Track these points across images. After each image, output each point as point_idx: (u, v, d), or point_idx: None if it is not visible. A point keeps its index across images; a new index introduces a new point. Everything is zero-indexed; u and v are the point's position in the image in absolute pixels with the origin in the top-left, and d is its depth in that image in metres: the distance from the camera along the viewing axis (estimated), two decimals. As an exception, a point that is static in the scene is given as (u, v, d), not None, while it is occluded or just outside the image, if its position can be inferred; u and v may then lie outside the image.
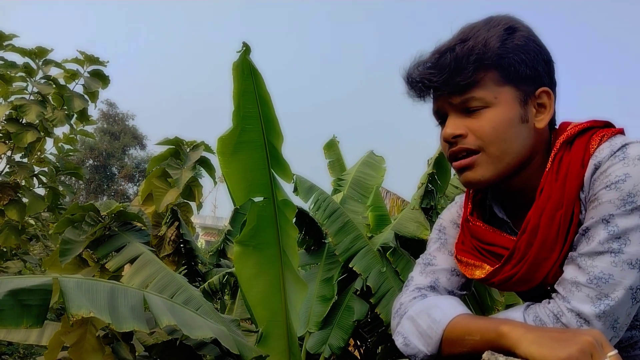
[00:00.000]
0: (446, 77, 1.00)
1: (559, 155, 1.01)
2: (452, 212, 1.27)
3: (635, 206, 0.90)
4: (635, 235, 0.89)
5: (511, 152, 1.01)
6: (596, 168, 0.95)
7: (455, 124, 1.03)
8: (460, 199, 1.26)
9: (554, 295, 0.96)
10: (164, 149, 3.85)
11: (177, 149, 3.82)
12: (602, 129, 1.02)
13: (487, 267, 1.08)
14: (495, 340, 0.88)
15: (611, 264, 0.89)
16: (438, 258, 1.21)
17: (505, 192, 1.11)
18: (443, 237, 1.24)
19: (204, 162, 3.89)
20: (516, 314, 0.97)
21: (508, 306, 4.14)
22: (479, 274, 1.10)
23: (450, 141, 1.04)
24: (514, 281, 1.03)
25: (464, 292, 1.21)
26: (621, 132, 1.02)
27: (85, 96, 3.97)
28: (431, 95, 1.08)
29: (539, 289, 1.06)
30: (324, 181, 4.60)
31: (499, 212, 1.13)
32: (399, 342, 1.08)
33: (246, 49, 2.04)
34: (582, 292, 0.90)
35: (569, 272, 0.94)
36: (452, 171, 3.96)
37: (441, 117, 1.08)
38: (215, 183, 4.16)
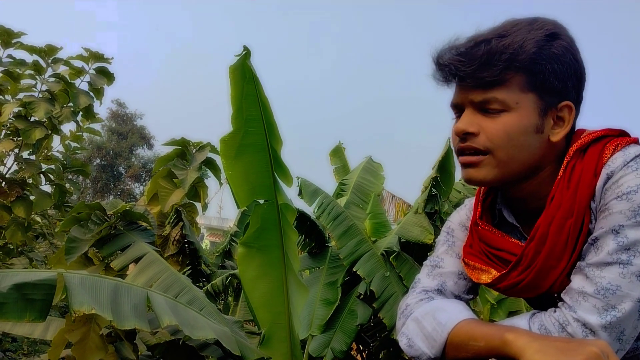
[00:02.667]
0: (474, 69, 0.97)
1: (572, 163, 1.00)
2: (461, 214, 1.25)
3: None
4: None
5: (518, 159, 0.99)
6: (608, 178, 0.94)
7: (470, 121, 1.01)
8: (470, 202, 1.25)
9: (560, 304, 0.95)
10: (170, 149, 3.87)
11: (184, 150, 3.83)
12: (617, 137, 1.01)
13: (494, 272, 1.07)
14: (499, 347, 0.88)
15: (619, 275, 0.88)
16: (445, 261, 1.21)
17: (515, 197, 1.10)
18: (451, 240, 1.23)
19: (210, 163, 3.89)
20: (521, 321, 0.97)
21: (512, 313, 4.13)
22: (485, 278, 1.09)
23: (460, 136, 1.03)
24: (520, 288, 1.02)
25: (471, 297, 1.20)
26: (636, 141, 1.01)
27: (91, 93, 3.99)
28: (455, 84, 1.05)
29: (547, 296, 1.05)
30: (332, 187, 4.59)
31: (509, 217, 1.12)
32: (403, 343, 1.08)
33: (247, 53, 2.04)
34: (589, 302, 0.89)
35: (577, 281, 0.93)
36: (457, 176, 3.96)
37: (459, 110, 1.06)
38: (221, 184, 4.16)
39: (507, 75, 0.97)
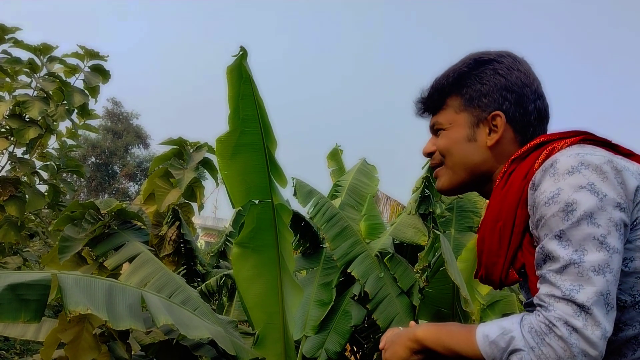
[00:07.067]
0: (423, 102, 1.25)
1: (509, 170, 1.09)
2: None
3: (579, 216, 0.93)
4: (589, 243, 0.93)
5: (461, 165, 1.19)
6: (533, 183, 1.01)
7: (429, 143, 1.27)
8: None
9: (538, 308, 0.97)
10: (167, 148, 3.85)
11: (181, 150, 3.82)
12: (559, 140, 1.06)
13: None
14: None
15: (577, 275, 0.92)
16: None
17: None
18: None
19: (207, 163, 3.89)
20: (511, 324, 0.98)
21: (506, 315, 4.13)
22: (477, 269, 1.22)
23: (425, 156, 1.28)
24: (484, 279, 1.16)
25: None
26: (580, 141, 1.05)
27: (86, 91, 3.97)
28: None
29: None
30: (319, 185, 4.58)
31: None
32: None
33: (243, 53, 2.04)
34: (561, 302, 0.93)
35: (544, 288, 0.97)
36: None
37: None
38: (217, 184, 4.16)
39: (442, 102, 1.21)
